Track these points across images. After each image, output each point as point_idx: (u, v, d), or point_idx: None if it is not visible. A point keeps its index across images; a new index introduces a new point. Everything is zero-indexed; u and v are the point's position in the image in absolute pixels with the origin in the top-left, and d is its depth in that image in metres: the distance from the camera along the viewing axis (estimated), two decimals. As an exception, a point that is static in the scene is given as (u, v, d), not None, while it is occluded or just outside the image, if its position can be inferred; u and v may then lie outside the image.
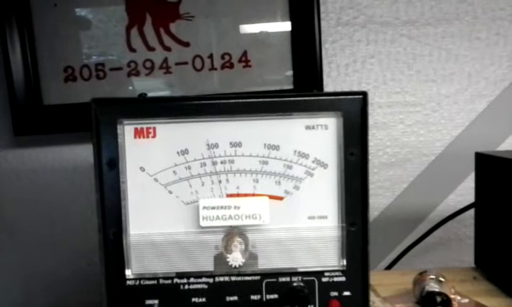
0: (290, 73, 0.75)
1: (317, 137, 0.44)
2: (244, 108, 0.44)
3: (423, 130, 0.79)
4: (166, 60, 0.76)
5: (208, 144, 0.44)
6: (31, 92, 0.76)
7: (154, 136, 0.44)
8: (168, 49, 0.75)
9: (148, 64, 0.76)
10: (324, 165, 0.44)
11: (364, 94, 0.43)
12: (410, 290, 0.54)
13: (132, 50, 0.76)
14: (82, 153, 0.80)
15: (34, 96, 0.76)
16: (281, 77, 0.75)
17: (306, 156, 0.44)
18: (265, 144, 0.44)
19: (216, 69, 0.75)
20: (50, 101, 0.77)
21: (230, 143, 0.44)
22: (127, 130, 0.44)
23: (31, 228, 0.82)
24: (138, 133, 0.44)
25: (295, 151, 0.44)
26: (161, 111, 0.44)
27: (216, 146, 0.44)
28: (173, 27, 0.75)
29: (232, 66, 0.75)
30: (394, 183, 0.80)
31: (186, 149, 0.44)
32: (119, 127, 0.44)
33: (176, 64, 0.76)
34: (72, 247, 0.82)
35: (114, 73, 0.76)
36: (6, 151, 0.81)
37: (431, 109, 0.78)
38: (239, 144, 0.44)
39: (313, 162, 0.44)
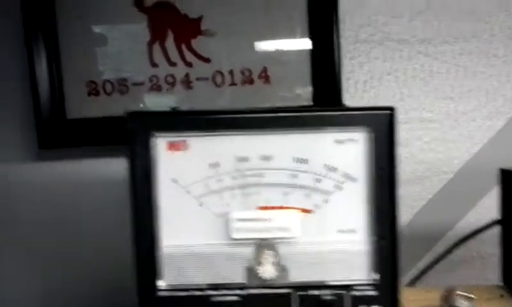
0: (309, 89, 0.76)
1: (346, 151, 0.45)
2: (274, 122, 0.45)
3: (441, 147, 0.79)
4: (187, 75, 0.77)
5: (239, 157, 0.45)
6: (55, 106, 0.77)
7: (186, 149, 0.45)
8: (189, 65, 0.77)
9: (169, 79, 0.77)
10: (354, 179, 0.45)
11: (392, 109, 0.44)
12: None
13: (154, 65, 0.77)
14: (101, 168, 0.81)
15: (58, 109, 0.77)
16: (300, 92, 0.76)
17: (335, 170, 0.45)
18: (294, 158, 0.45)
19: (235, 84, 0.77)
20: (74, 115, 0.78)
21: (261, 156, 0.45)
22: (160, 143, 0.45)
23: (49, 241, 0.82)
24: (171, 146, 0.45)
25: (324, 165, 0.45)
26: (193, 124, 0.45)
27: (247, 159, 0.45)
28: (194, 43, 0.76)
29: (251, 81, 0.76)
30: (413, 200, 0.80)
31: (217, 162, 0.45)
32: (152, 140, 0.44)
33: (197, 79, 0.77)
34: (89, 262, 0.82)
35: (136, 88, 0.77)
36: (29, 164, 0.82)
37: (448, 126, 0.79)
38: (269, 158, 0.45)
39: (342, 175, 0.45)
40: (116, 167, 0.81)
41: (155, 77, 0.77)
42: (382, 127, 0.44)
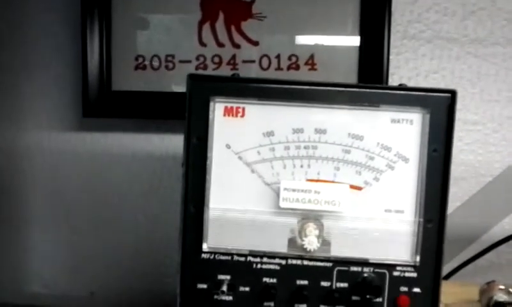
0: (354, 80, 0.76)
1: (401, 131, 0.45)
2: (332, 96, 0.45)
3: (482, 150, 0.79)
4: (234, 57, 0.78)
5: (293, 129, 0.46)
6: (102, 77, 0.79)
7: (243, 116, 0.46)
8: (237, 46, 0.78)
9: (216, 59, 0.78)
10: (406, 160, 0.45)
11: (453, 92, 0.44)
12: (472, 301, 0.54)
13: (203, 44, 0.78)
14: (141, 142, 0.83)
15: (105, 81, 0.79)
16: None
17: (389, 149, 0.45)
18: (349, 134, 0.45)
19: (282, 69, 0.77)
20: (119, 87, 0.80)
21: (315, 129, 0.46)
22: (218, 108, 0.46)
23: (85, 210, 0.84)
24: (228, 112, 0.46)
25: (378, 143, 0.45)
26: (252, 92, 0.45)
27: (301, 131, 0.46)
28: (244, 25, 0.77)
29: (297, 67, 0.77)
30: (448, 201, 0.79)
31: (272, 131, 0.46)
32: (211, 104, 0.45)
33: (244, 61, 0.78)
34: (123, 233, 0.83)
35: (183, 65, 0.79)
36: (71, 133, 0.84)
37: (492, 129, 0.78)
38: (323, 131, 0.45)
39: (395, 155, 0.45)
40: (157, 142, 0.82)
41: (203, 56, 0.79)
42: (440, 110, 0.44)
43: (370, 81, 0.75)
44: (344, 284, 0.46)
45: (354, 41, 0.75)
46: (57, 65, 0.83)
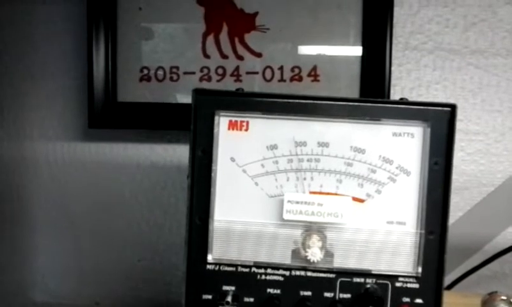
0: (356, 92, 0.77)
1: (402, 144, 0.46)
2: (334, 110, 0.46)
3: (484, 160, 0.79)
4: (237, 68, 0.79)
5: (296, 142, 0.46)
6: (107, 88, 0.80)
7: (247, 129, 0.47)
8: (240, 58, 0.79)
9: (220, 71, 0.79)
10: (407, 173, 0.46)
11: (453, 106, 0.45)
12: (474, 310, 0.54)
13: (207, 56, 0.79)
14: (145, 152, 0.84)
15: (111, 92, 0.80)
16: (347, 95, 0.77)
17: (390, 162, 0.46)
18: (351, 147, 0.46)
19: (284, 81, 0.78)
20: (124, 98, 0.81)
21: (318, 143, 0.46)
22: (222, 122, 0.47)
23: (90, 220, 0.85)
24: (232, 125, 0.47)
25: (380, 156, 0.46)
26: (256, 106, 0.46)
27: (304, 144, 0.46)
28: (247, 37, 0.78)
29: (300, 79, 0.78)
30: (451, 211, 0.80)
31: (275, 144, 0.47)
32: (216, 118, 0.46)
33: (247, 73, 0.79)
34: (127, 243, 0.84)
35: (187, 77, 0.80)
36: (76, 143, 0.85)
37: (493, 139, 0.78)
38: (326, 145, 0.46)
39: (397, 168, 0.46)
40: (161, 152, 0.83)
41: (207, 68, 0.80)
42: (441, 123, 0.45)
43: (372, 92, 0.76)
44: (347, 295, 0.47)
45: (356, 52, 0.76)
46: (62, 76, 0.84)
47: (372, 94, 0.76)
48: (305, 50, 0.78)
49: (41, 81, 0.84)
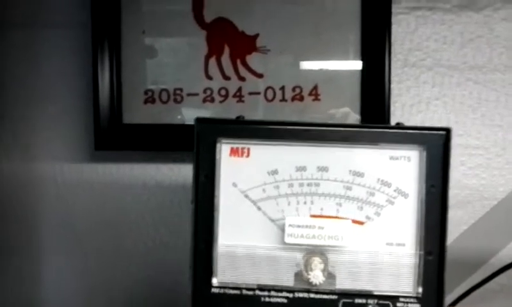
0: (357, 110, 0.78)
1: (400, 167, 0.47)
2: (333, 135, 0.47)
3: (485, 174, 0.80)
4: (239, 89, 0.81)
5: (297, 167, 0.48)
6: (113, 111, 0.82)
7: (248, 156, 0.48)
8: (242, 79, 0.80)
9: (222, 92, 0.81)
10: (405, 195, 0.47)
11: (447, 130, 0.46)
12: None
13: (209, 77, 0.81)
14: (151, 172, 0.85)
15: (116, 114, 0.82)
16: (348, 112, 0.78)
17: (388, 185, 0.47)
18: (350, 171, 0.47)
19: (286, 100, 0.80)
20: (130, 120, 0.82)
21: (317, 167, 0.48)
22: (224, 149, 0.48)
23: (97, 240, 0.86)
24: (234, 152, 0.48)
25: (378, 179, 0.47)
26: (256, 133, 0.48)
27: (304, 168, 0.48)
28: (249, 58, 0.80)
29: (302, 98, 0.79)
30: (454, 225, 0.80)
31: (276, 169, 0.48)
32: (218, 145, 0.48)
33: (250, 93, 0.80)
34: (133, 261, 0.85)
35: (190, 98, 0.81)
36: (83, 164, 0.86)
37: (494, 153, 0.79)
38: (325, 169, 0.47)
39: (395, 191, 0.47)
40: (167, 172, 0.85)
41: (209, 89, 0.81)
42: (437, 147, 0.46)
43: (372, 109, 0.77)
44: (350, 316, 0.48)
45: (356, 70, 0.78)
46: (68, 98, 0.85)
47: (373, 112, 0.77)
48: (306, 70, 0.79)
49: (47, 103, 0.86)
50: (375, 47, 0.77)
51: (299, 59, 0.79)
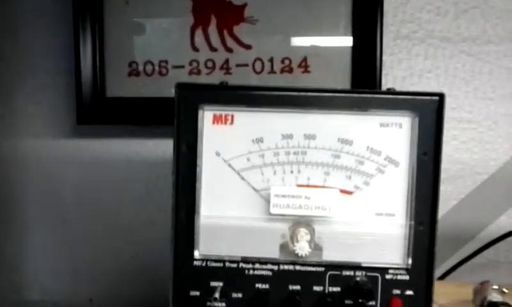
0: (348, 82, 0.76)
1: (390, 135, 0.45)
2: (320, 102, 0.45)
3: (477, 148, 0.78)
4: (227, 61, 0.78)
5: (283, 135, 0.46)
6: (96, 84, 0.79)
7: (232, 123, 0.46)
8: (229, 51, 0.78)
9: (209, 64, 0.78)
10: (396, 164, 0.45)
11: (441, 95, 0.44)
12: (467, 301, 0.54)
13: (195, 49, 0.78)
14: (136, 147, 0.83)
15: (99, 88, 0.79)
16: (338, 85, 0.76)
17: (378, 153, 0.45)
18: (338, 139, 0.45)
19: (275, 72, 0.77)
20: (113, 93, 0.80)
21: (304, 135, 0.46)
22: (206, 116, 0.46)
23: (82, 216, 0.84)
24: (217, 119, 0.46)
25: (367, 148, 0.45)
26: (240, 99, 0.45)
27: (291, 136, 0.46)
28: (236, 29, 0.77)
29: (291, 70, 0.77)
30: (444, 200, 0.78)
31: (261, 138, 0.46)
32: (200, 112, 0.45)
33: (237, 65, 0.78)
34: (120, 239, 0.84)
35: (176, 70, 0.79)
36: (67, 140, 0.84)
37: (487, 127, 0.78)
38: (312, 137, 0.45)
39: (385, 159, 0.45)
40: (152, 146, 0.82)
41: (196, 61, 0.79)
42: (429, 113, 0.44)
43: (363, 82, 0.75)
44: (337, 289, 0.46)
45: (347, 42, 0.75)
46: (50, 72, 0.82)
47: (364, 84, 0.75)
48: (295, 41, 0.77)
49: (28, 78, 0.83)
50: (366, 19, 0.74)
51: (289, 29, 0.77)
